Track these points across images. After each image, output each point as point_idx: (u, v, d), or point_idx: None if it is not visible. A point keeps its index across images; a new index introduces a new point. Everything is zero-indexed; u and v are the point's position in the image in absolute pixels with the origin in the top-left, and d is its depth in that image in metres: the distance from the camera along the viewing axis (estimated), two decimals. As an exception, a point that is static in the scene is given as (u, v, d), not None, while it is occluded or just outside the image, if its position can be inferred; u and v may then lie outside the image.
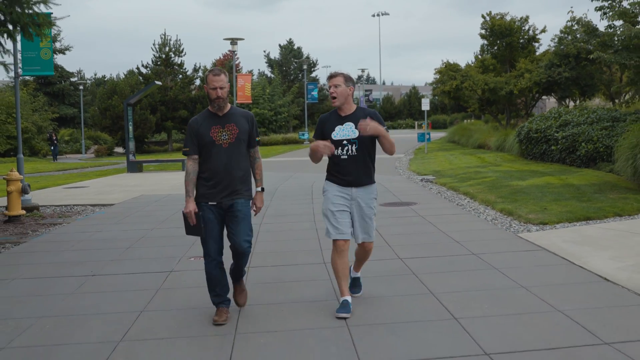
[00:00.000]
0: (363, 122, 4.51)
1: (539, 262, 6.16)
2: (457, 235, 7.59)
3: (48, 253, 7.60)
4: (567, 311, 4.56)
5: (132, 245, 7.88)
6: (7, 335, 4.50)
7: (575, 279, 5.52)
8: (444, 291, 5.20)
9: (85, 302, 5.33)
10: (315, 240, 7.69)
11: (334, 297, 5.11)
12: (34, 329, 4.65)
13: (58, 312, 5.07)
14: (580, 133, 14.85)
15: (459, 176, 14.75)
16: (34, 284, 6.06)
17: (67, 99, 54.09)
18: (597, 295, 4.98)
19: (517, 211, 9.19)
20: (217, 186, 4.53)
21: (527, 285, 5.27)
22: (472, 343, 4.03)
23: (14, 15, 8.22)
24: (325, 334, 4.29)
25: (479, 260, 6.30)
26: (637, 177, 10.75)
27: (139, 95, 24.74)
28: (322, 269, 6.19)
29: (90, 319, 4.86)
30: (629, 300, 4.85)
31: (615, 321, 4.34)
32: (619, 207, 9.09)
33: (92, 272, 6.42)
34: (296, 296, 5.25)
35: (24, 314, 5.03)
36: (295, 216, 9.77)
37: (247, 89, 32.62)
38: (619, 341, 3.96)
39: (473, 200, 10.93)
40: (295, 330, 4.40)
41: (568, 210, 9.02)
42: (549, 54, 25.92)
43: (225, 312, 4.63)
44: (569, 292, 5.08)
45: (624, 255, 6.25)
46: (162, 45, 43.60)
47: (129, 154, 21.98)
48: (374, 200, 4.82)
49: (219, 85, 4.50)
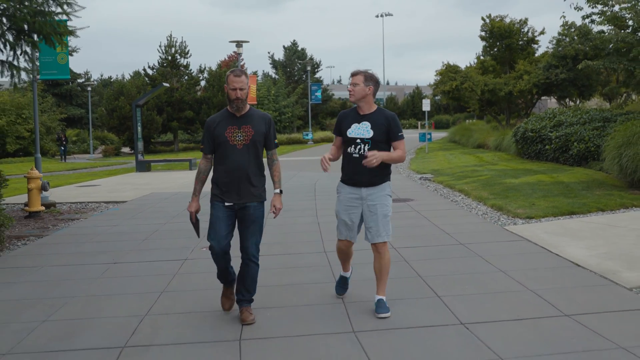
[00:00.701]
0: (366, 160, 4.51)
1: (520, 250, 6.78)
2: (448, 228, 8.21)
3: (71, 244, 8.25)
4: (537, 290, 5.19)
5: (148, 238, 8.52)
6: (46, 311, 5.14)
7: (549, 264, 6.13)
8: (431, 275, 5.83)
9: (111, 285, 5.97)
10: (317, 233, 8.32)
11: (332, 280, 5.73)
12: (69, 306, 5.29)
13: (88, 292, 5.72)
14: (573, 133, 15.44)
15: (456, 174, 15.36)
16: (62, 270, 6.70)
17: (75, 100, 54.90)
18: (566, 278, 5.60)
19: (506, 206, 9.80)
20: (229, 186, 4.57)
21: (506, 270, 5.89)
22: (450, 315, 4.65)
23: (37, 25, 8.85)
24: (323, 309, 4.92)
25: (466, 249, 6.92)
26: (623, 175, 11.33)
27: (147, 96, 25.41)
28: (322, 257, 6.82)
29: (117, 298, 5.50)
30: (594, 281, 5.46)
31: (578, 298, 4.96)
32: (603, 203, 9.68)
33: (113, 260, 7.06)
34: (299, 279, 5.88)
35: (57, 294, 5.68)
36: (298, 211, 10.39)
37: (252, 90, 33.22)
38: (578, 313, 4.58)
39: (467, 196, 11.55)
40: (297, 306, 5.04)
41: (554, 206, 9.63)
42: (547, 56, 26.50)
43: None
44: (542, 275, 5.70)
45: (598, 245, 6.86)
46: (168, 46, 44.30)
47: (138, 154, 22.64)
48: (387, 197, 4.76)
49: (239, 87, 4.53)
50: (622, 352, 3.84)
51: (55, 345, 4.35)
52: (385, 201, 4.73)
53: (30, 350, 4.26)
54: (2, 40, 8.73)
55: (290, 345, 4.19)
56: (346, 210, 4.76)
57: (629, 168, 10.94)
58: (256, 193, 4.62)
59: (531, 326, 4.36)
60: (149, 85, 42.75)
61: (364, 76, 4.73)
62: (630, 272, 5.64)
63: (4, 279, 6.34)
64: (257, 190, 4.63)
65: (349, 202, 4.74)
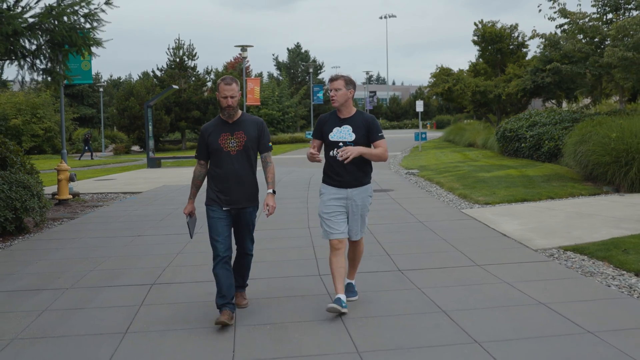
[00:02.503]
0: (342, 151, 4.66)
1: (464, 226, 8.40)
2: (414, 211, 9.83)
3: (100, 223, 9.92)
4: (464, 251, 6.80)
5: (163, 219, 10.17)
6: (92, 265, 6.79)
7: (482, 235, 7.75)
8: (387, 241, 7.45)
9: (137, 249, 7.63)
10: (304, 215, 9.94)
11: (311, 245, 7.36)
12: (108, 262, 6.94)
13: (121, 254, 7.37)
14: (545, 132, 17.02)
15: (439, 169, 16.95)
16: (97, 240, 8.36)
17: (86, 100, 56.83)
18: (491, 243, 7.21)
19: (470, 195, 11.40)
20: (225, 191, 4.72)
21: (446, 238, 7.52)
22: (392, 264, 6.28)
23: (72, 38, 10.50)
24: (300, 264, 6.56)
25: (422, 225, 8.54)
26: (579, 169, 12.91)
27: (158, 97, 27.12)
28: (306, 232, 8.44)
29: (144, 257, 7.16)
30: (511, 245, 7.08)
31: (491, 255, 6.58)
32: (554, 192, 11.26)
33: (137, 234, 8.72)
34: (281, 246, 7.52)
35: (97, 255, 7.33)
36: (291, 199, 12.02)
37: (256, 92, 34.91)
38: (487, 264, 6.19)
39: (441, 187, 13.16)
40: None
41: (511, 194, 11.21)
42: (535, 59, 28.00)
43: (228, 313, 4.61)
44: (473, 241, 7.31)
45: (529, 222, 8.47)
46: (177, 49, 46.02)
47: (149, 151, 24.34)
48: (369, 198, 4.96)
49: (230, 95, 4.64)
50: (507, 286, 5.43)
51: (103, 283, 6.02)
52: (367, 202, 4.95)
53: (86, 286, 5.92)
54: (43, 51, 10.38)
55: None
56: (331, 208, 4.85)
57: (583, 162, 12.51)
58: (251, 197, 4.81)
59: (449, 271, 5.97)
60: (158, 87, 44.49)
61: (344, 80, 4.84)
62: (541, 240, 7.26)
63: (54, 246, 8.01)
64: (252, 195, 4.81)
65: (333, 202, 4.85)
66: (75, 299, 5.52)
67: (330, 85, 4.83)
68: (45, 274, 6.45)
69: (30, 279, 6.28)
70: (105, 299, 5.49)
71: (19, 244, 8.33)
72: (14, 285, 6.05)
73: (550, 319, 4.51)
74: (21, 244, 8.33)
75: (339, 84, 4.80)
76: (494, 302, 4.96)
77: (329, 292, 5.44)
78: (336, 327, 4.53)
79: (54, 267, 6.80)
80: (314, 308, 5.00)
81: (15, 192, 8.91)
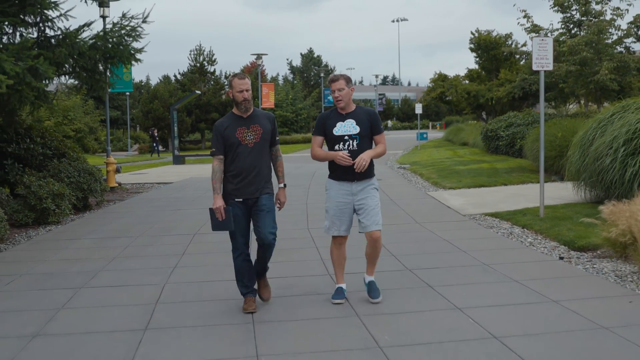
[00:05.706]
0: (358, 165, 4.78)
1: (423, 202, 11.11)
2: (390, 193, 12.54)
3: (145, 203, 12.77)
4: (414, 216, 9.51)
5: (195, 199, 12.99)
6: (148, 226, 9.61)
7: (432, 207, 10.46)
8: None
9: (178, 218, 10.43)
10: (303, 199, 12.69)
11: (306, 226, 10.10)
12: (156, 227, 9.72)
13: (168, 219, 10.19)
14: (518, 132, 19.62)
15: (426, 164, 19.62)
16: (146, 212, 11.19)
17: (112, 102, 60.15)
18: (436, 213, 9.92)
19: (441, 182, 14.08)
20: (244, 183, 4.83)
21: (406, 210, 10.23)
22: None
23: (119, 53, 13.30)
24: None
25: (392, 202, 11.26)
26: (536, 162, 15.51)
27: (182, 102, 30.12)
28: (304, 216, 11.17)
29: (185, 220, 9.97)
30: (449, 213, 9.79)
31: (432, 218, 9.29)
32: (509, 180, 13.88)
33: (177, 208, 11.55)
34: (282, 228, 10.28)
35: (150, 220, 10.14)
36: (295, 187, 14.77)
37: (271, 95, 37.83)
38: (425, 222, 8.90)
39: (420, 177, 15.85)
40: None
41: (474, 182, 13.85)
42: (524, 67, 30.56)
43: (253, 300, 4.95)
44: (425, 211, 10.02)
45: (473, 199, 11.14)
46: (198, 54, 49.13)
47: (174, 150, 27.28)
48: (375, 190, 5.06)
49: (245, 88, 4.75)
50: (429, 233, 8.13)
51: (161, 233, 8.86)
52: (374, 194, 5.04)
53: (150, 235, 8.76)
54: (100, 65, 13.24)
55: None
56: (338, 205, 5.00)
57: (537, 157, 15.09)
58: (268, 186, 4.95)
59: (396, 228, 8.68)
60: (179, 90, 47.57)
61: (345, 79, 4.96)
62: (473, 209, 9.96)
63: (113, 218, 10.86)
64: (268, 184, 4.96)
65: (340, 198, 4.99)
66: (145, 242, 8.33)
67: (333, 86, 4.97)
68: (118, 230, 9.30)
69: (108, 233, 9.12)
70: (163, 244, 8.28)
71: (90, 215, 11.18)
72: (100, 235, 8.90)
73: (442, 244, 7.24)
74: (91, 215, 11.19)
75: (341, 83, 4.94)
76: (416, 238, 7.70)
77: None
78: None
79: (122, 227, 9.63)
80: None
81: (83, 177, 11.76)
